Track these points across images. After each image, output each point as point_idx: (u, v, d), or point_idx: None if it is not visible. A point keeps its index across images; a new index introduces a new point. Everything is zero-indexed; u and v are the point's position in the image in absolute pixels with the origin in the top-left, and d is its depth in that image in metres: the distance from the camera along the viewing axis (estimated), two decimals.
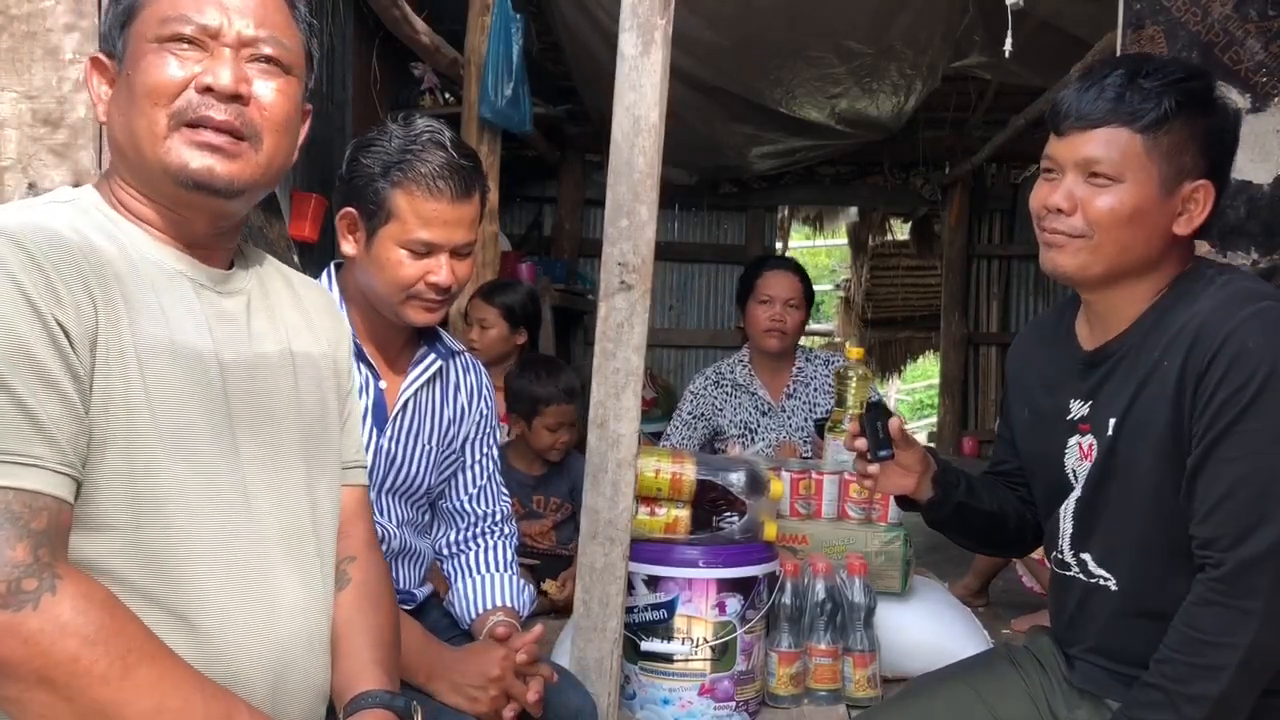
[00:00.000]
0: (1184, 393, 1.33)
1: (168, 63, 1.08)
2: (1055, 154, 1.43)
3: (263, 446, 1.14)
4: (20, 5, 1.85)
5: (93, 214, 1.09)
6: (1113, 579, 1.46)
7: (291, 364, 1.21)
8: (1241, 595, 1.27)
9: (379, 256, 1.66)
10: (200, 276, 1.13)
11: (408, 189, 1.63)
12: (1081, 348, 1.52)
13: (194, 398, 1.06)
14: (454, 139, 1.69)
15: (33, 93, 1.85)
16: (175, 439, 1.04)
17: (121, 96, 1.10)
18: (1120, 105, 1.36)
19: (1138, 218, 1.37)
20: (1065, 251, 1.42)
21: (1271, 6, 2.09)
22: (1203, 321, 1.33)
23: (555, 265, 6.38)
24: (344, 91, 4.16)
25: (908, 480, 1.64)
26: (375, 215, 1.66)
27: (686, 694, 2.07)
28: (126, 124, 1.10)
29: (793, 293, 3.21)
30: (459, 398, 1.87)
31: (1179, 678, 1.31)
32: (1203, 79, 1.40)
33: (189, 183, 1.09)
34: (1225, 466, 1.29)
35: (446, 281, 1.67)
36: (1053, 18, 3.86)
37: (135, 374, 1.01)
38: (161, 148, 1.08)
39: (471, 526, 1.91)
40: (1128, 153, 1.36)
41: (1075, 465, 1.51)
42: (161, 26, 1.09)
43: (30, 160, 1.86)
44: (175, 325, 1.07)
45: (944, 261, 7.36)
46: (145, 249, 1.10)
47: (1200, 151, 1.37)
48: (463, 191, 1.66)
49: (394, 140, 1.66)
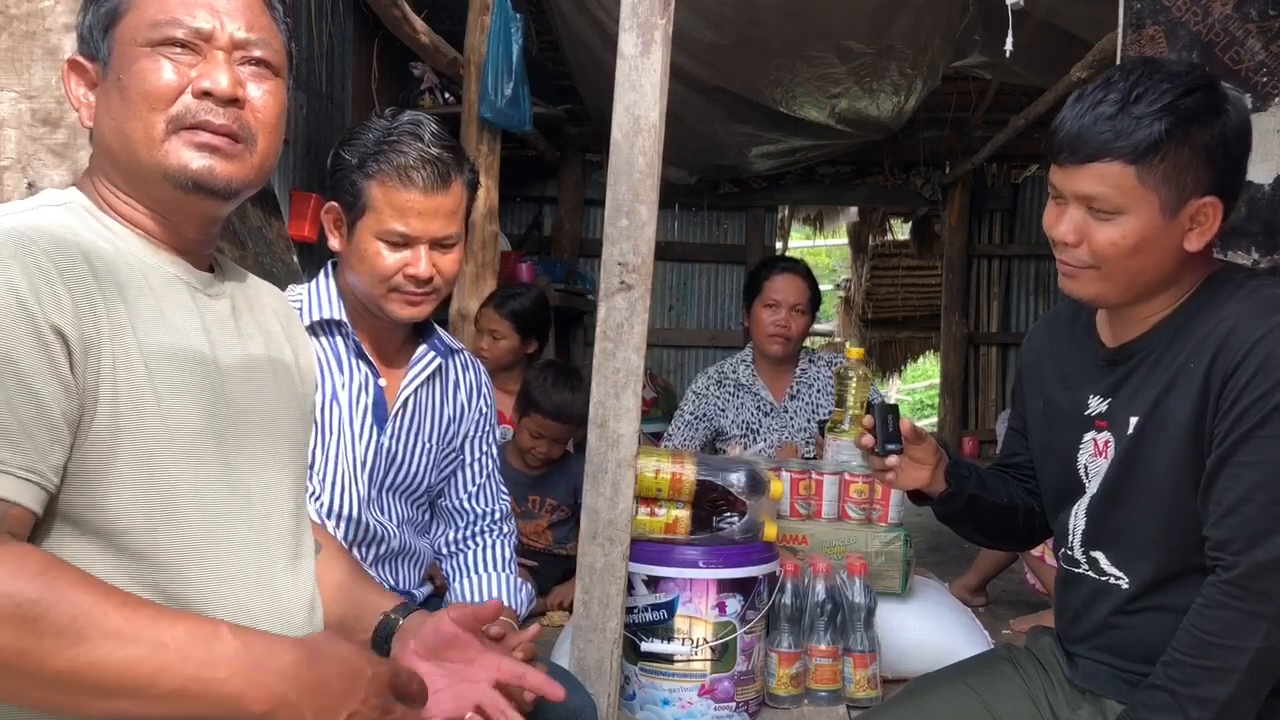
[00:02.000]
0: (1208, 396, 1.33)
1: (162, 67, 1.08)
2: (1057, 183, 1.41)
3: (259, 448, 1.15)
4: (20, 5, 1.84)
5: (85, 218, 1.08)
6: (1125, 578, 1.46)
7: (272, 366, 1.22)
8: (1253, 599, 1.27)
9: (359, 249, 1.67)
10: (193, 280, 1.14)
11: (381, 180, 1.64)
12: (1103, 344, 1.51)
13: (199, 402, 1.07)
14: (435, 131, 1.68)
15: (32, 93, 1.85)
16: (185, 443, 1.04)
17: (112, 100, 1.09)
18: (1110, 137, 1.33)
19: (1143, 246, 1.36)
20: (1079, 281, 1.42)
21: (1272, 6, 2.09)
22: (1231, 327, 1.32)
23: (555, 265, 6.37)
24: (344, 92, 4.16)
25: (922, 474, 1.63)
26: (354, 208, 1.66)
27: (686, 694, 2.07)
28: (119, 128, 1.09)
29: (799, 298, 3.21)
30: (458, 395, 1.87)
31: (1187, 680, 1.31)
32: (1199, 91, 1.35)
33: (189, 184, 1.08)
34: (1244, 470, 1.30)
35: (425, 273, 1.66)
36: (1053, 17, 3.86)
37: (144, 379, 1.01)
38: (160, 151, 1.08)
39: (470, 525, 1.91)
40: (1122, 185, 1.34)
41: (1088, 462, 1.50)
42: (152, 30, 1.08)
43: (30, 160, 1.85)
44: (177, 330, 1.07)
45: (944, 261, 7.35)
46: (141, 253, 1.10)
47: (1202, 168, 1.34)
48: (437, 182, 1.65)
49: (373, 132, 1.67)
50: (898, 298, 8.78)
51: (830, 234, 8.98)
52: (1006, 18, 2.74)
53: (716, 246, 7.41)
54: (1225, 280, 1.42)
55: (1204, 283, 1.42)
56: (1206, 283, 1.42)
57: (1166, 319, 1.43)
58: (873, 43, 4.41)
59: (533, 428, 3.04)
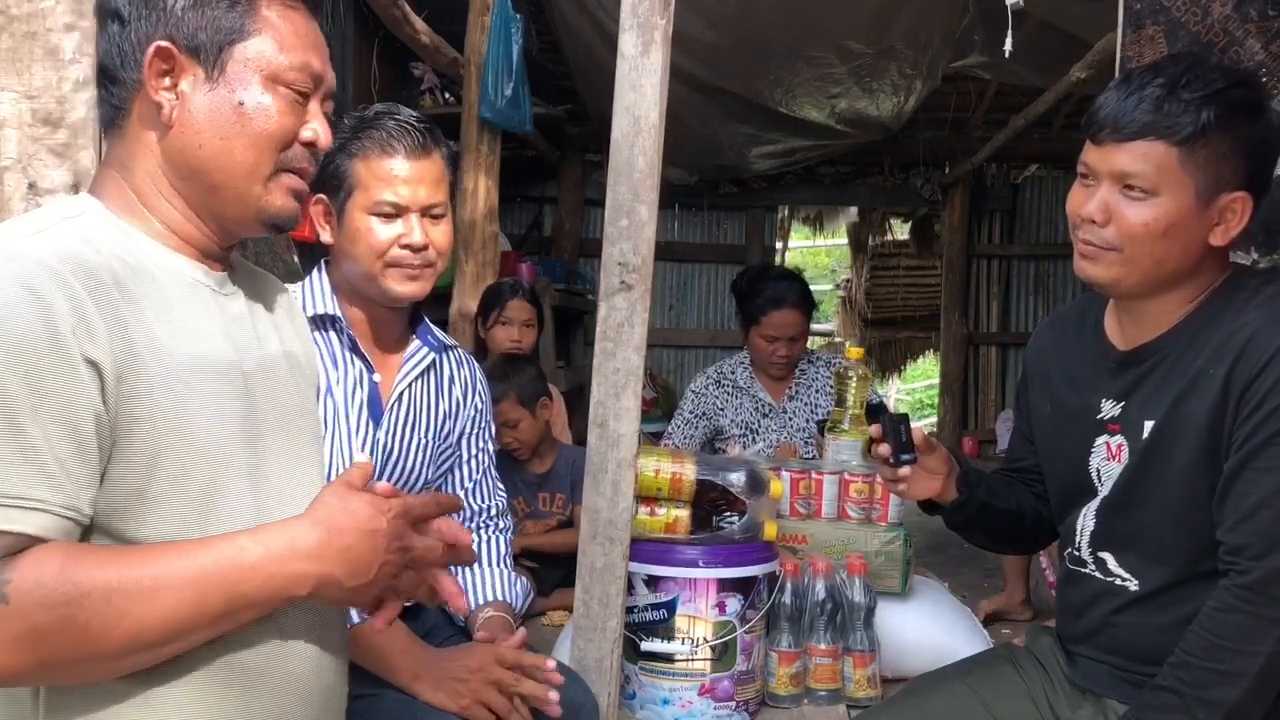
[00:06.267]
0: (1227, 401, 1.33)
1: (291, 109, 1.12)
2: (1091, 162, 1.40)
3: (285, 449, 1.16)
4: (20, 5, 1.84)
5: (105, 228, 1.07)
6: (1133, 580, 1.45)
7: (287, 362, 1.22)
8: (1266, 604, 1.28)
9: (351, 230, 1.68)
10: (212, 282, 1.14)
11: (364, 154, 1.67)
12: (1114, 346, 1.50)
13: (232, 410, 1.07)
14: (409, 111, 1.72)
15: (33, 93, 1.85)
16: (220, 454, 1.05)
17: (221, 117, 1.08)
18: (1157, 118, 1.33)
19: (1172, 231, 1.35)
20: (1098, 264, 1.40)
21: (1271, 6, 2.09)
22: (1253, 333, 1.32)
23: (555, 265, 6.37)
24: (344, 92, 4.16)
25: (934, 483, 1.63)
26: (339, 191, 1.68)
27: (686, 694, 2.07)
28: (226, 149, 1.09)
29: (798, 329, 3.21)
30: (453, 391, 1.87)
31: (1196, 682, 1.31)
32: (1247, 87, 1.36)
33: (272, 223, 1.14)
34: (1262, 476, 1.30)
35: (420, 241, 1.67)
36: (1053, 17, 3.86)
37: (178, 395, 1.01)
38: (263, 188, 1.11)
39: (467, 522, 1.91)
40: (1163, 166, 1.33)
41: (1100, 465, 1.49)
42: (286, 72, 1.10)
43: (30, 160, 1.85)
44: (203, 339, 1.07)
45: (944, 261, 7.35)
46: (163, 260, 1.09)
47: (1239, 162, 1.34)
48: (419, 146, 1.68)
49: (349, 120, 1.70)
50: (897, 298, 8.78)
51: (830, 234, 8.98)
52: (1006, 18, 2.74)
53: (716, 246, 7.41)
54: (1242, 284, 1.41)
55: (1220, 286, 1.41)
56: (1223, 286, 1.41)
57: (1182, 322, 1.42)
58: (873, 43, 4.41)
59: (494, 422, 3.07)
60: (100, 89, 1.12)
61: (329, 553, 1.01)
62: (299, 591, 1.01)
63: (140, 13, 1.07)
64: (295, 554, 1.00)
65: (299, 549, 1.00)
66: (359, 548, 1.03)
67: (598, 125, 5.93)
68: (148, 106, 1.09)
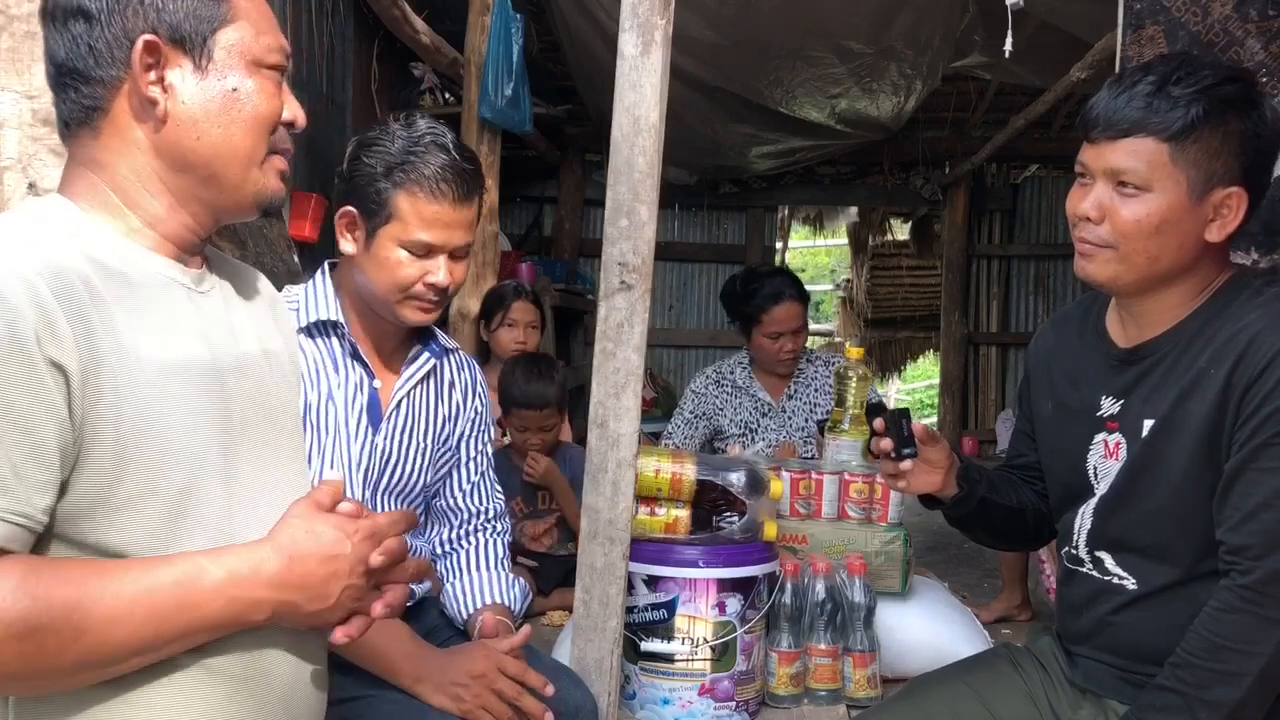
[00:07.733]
0: (1229, 401, 1.33)
1: (276, 90, 1.13)
2: (1086, 161, 1.42)
3: (261, 449, 1.15)
4: (20, 5, 1.85)
5: (78, 228, 1.05)
6: (1131, 579, 1.46)
7: (266, 360, 1.21)
8: (1268, 604, 1.28)
9: (379, 256, 1.67)
10: (188, 280, 1.12)
11: (410, 190, 1.64)
12: (1115, 344, 1.50)
13: (204, 412, 1.06)
14: (456, 141, 1.70)
15: (33, 93, 1.85)
16: (190, 457, 1.04)
17: (217, 106, 1.08)
18: (1147, 114, 1.34)
19: (1165, 227, 1.36)
20: (1095, 261, 1.42)
21: (1271, 6, 2.09)
22: (1256, 334, 1.33)
23: (555, 265, 6.37)
24: (344, 92, 4.16)
25: (935, 477, 1.63)
26: (376, 215, 1.66)
27: (686, 694, 2.07)
28: (226, 137, 1.09)
29: (800, 321, 3.23)
30: (453, 395, 1.87)
31: (1198, 682, 1.31)
32: (1239, 82, 1.37)
33: (266, 206, 1.15)
34: (1263, 477, 1.30)
35: (444, 283, 1.69)
36: (1052, 17, 3.86)
37: (146, 399, 1.00)
38: (258, 172, 1.13)
39: (465, 524, 1.91)
40: (1154, 162, 1.34)
41: (1098, 462, 1.50)
42: (267, 54, 1.11)
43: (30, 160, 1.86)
44: (176, 340, 1.06)
45: (944, 261, 7.35)
46: (138, 259, 1.07)
47: (1233, 157, 1.35)
48: (464, 195, 1.67)
49: (397, 141, 1.66)
50: (897, 298, 8.79)
51: (830, 234, 8.99)
52: (1006, 18, 2.74)
53: (716, 246, 7.42)
54: (1244, 285, 1.41)
55: (1222, 286, 1.42)
56: (1225, 286, 1.42)
57: (1183, 321, 1.42)
58: (873, 43, 4.41)
59: (517, 423, 3.08)
60: (61, 91, 1.08)
61: (290, 579, 1.01)
62: (256, 617, 1.01)
63: (113, 8, 1.05)
64: (256, 580, 1.00)
65: (260, 575, 1.00)
66: (320, 573, 1.02)
67: (598, 125, 5.93)
68: (134, 102, 1.07)
